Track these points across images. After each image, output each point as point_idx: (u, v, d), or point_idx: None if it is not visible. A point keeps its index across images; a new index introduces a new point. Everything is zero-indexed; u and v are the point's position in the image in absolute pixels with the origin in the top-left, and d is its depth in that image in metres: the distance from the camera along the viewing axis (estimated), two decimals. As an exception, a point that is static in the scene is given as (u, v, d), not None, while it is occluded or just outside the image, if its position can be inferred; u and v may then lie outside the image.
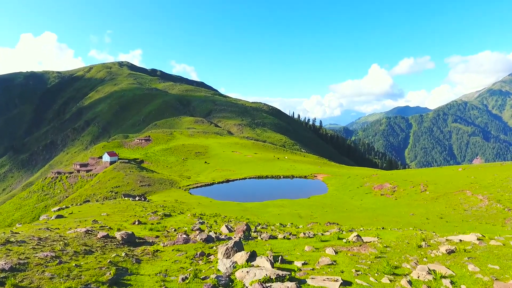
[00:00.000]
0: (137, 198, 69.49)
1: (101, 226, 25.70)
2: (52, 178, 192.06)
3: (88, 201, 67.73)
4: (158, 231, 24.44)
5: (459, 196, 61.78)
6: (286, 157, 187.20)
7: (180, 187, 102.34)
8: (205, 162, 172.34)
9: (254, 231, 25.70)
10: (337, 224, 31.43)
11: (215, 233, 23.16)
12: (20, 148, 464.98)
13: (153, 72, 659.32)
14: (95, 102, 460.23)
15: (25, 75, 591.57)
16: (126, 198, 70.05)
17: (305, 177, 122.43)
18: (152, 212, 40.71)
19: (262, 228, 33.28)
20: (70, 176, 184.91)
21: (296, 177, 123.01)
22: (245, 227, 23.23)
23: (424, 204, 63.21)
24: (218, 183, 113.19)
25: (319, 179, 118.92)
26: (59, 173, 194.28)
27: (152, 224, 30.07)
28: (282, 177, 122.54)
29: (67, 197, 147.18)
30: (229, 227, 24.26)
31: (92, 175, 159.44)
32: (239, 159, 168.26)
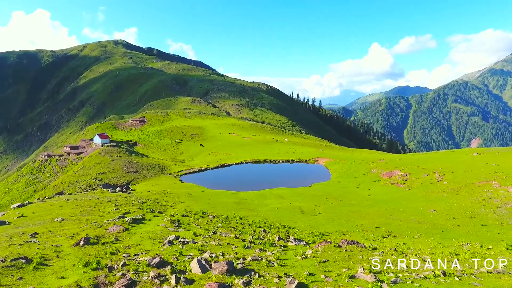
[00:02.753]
0: (117, 189, 61.46)
1: (24, 258, 17.59)
2: (41, 161, 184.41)
3: (62, 193, 59.80)
4: (96, 269, 16.30)
5: (484, 188, 53.85)
6: (286, 139, 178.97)
7: (170, 174, 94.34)
8: (201, 144, 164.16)
9: (241, 262, 17.57)
10: (360, 245, 23.35)
11: (178, 277, 15.08)
12: (15, 129, 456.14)
13: (149, 51, 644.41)
14: (89, 82, 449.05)
15: (18, 54, 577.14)
16: (105, 190, 62.05)
17: (306, 161, 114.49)
18: (120, 217, 32.63)
19: (257, 243, 25.16)
20: (60, 159, 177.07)
21: (296, 161, 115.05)
22: (226, 267, 15.19)
23: (444, 198, 55.27)
24: (213, 168, 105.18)
25: (320, 163, 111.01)
26: (48, 156, 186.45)
27: (104, 244, 21.95)
28: (281, 161, 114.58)
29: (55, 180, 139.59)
30: (203, 262, 16.12)
31: (82, 158, 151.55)
32: (236, 142, 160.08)
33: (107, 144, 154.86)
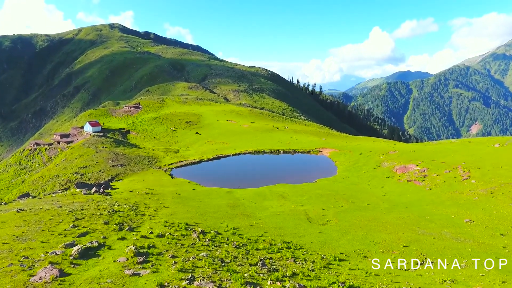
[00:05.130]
0: (93, 190, 52.77)
1: None
2: (30, 150, 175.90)
3: (27, 194, 51.14)
4: None
5: (525, 191, 45.32)
6: (286, 127, 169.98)
7: (160, 167, 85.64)
8: (196, 133, 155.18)
9: None
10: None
11: None
12: (9, 116, 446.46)
13: (146, 35, 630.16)
14: (84, 67, 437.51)
15: (12, 38, 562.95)
16: (78, 190, 53.40)
17: (309, 152, 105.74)
18: (68, 245, 24.02)
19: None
20: (49, 148, 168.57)
21: (298, 152, 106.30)
22: None
23: (477, 202, 46.65)
24: (207, 160, 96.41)
25: (324, 154, 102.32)
26: (37, 144, 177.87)
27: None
28: (281, 152, 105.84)
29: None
30: None
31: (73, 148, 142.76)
32: (234, 130, 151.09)
33: (94, 133, 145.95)
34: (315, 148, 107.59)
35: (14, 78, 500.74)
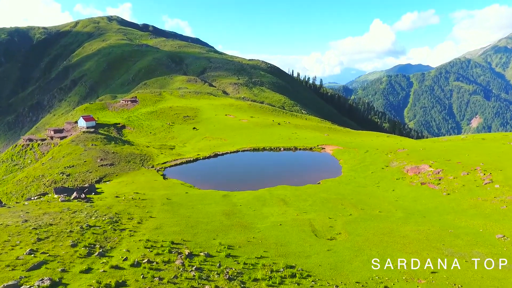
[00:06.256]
0: (73, 196, 47.18)
1: None
2: (22, 146, 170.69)
3: (2, 203, 45.26)
4: None
5: (561, 199, 39.81)
6: (289, 122, 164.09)
7: (153, 166, 79.98)
8: (194, 128, 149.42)
9: None
10: None
11: None
12: (6, 110, 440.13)
13: (145, 28, 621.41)
14: (82, 60, 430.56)
15: (9, 31, 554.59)
16: (56, 196, 47.81)
17: (311, 149, 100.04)
18: (9, 286, 18.47)
19: None
20: (42, 143, 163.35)
21: (300, 149, 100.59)
22: None
23: (507, 212, 40.96)
24: (204, 158, 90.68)
25: (328, 152, 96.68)
26: (30, 140, 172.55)
27: None
28: (282, 149, 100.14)
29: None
30: None
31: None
32: (233, 125, 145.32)
33: (88, 128, 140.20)
34: (317, 145, 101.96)
35: (11, 72, 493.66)
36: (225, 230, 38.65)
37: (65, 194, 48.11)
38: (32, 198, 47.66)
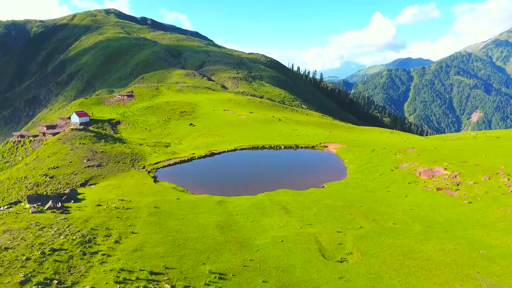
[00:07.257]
0: (48, 205, 41.61)
1: None
2: (14, 143, 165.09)
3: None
4: None
5: None
6: (290, 118, 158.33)
7: (144, 167, 74.44)
8: (191, 124, 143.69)
9: None
10: None
11: None
12: (2, 104, 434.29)
13: (143, 21, 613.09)
14: (78, 54, 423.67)
15: (6, 24, 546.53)
16: (28, 207, 42.25)
17: (313, 147, 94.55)
18: None
19: None
20: (34, 140, 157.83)
21: (301, 147, 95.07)
22: None
23: (543, 227, 35.69)
24: (199, 158, 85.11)
25: (331, 150, 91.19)
26: (22, 136, 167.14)
27: None
28: (283, 147, 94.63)
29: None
30: None
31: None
32: (231, 121, 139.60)
33: (81, 124, 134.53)
34: (320, 143, 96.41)
35: (8, 65, 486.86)
36: (217, 249, 33.25)
37: (39, 204, 42.59)
38: (1, 208, 42.12)
